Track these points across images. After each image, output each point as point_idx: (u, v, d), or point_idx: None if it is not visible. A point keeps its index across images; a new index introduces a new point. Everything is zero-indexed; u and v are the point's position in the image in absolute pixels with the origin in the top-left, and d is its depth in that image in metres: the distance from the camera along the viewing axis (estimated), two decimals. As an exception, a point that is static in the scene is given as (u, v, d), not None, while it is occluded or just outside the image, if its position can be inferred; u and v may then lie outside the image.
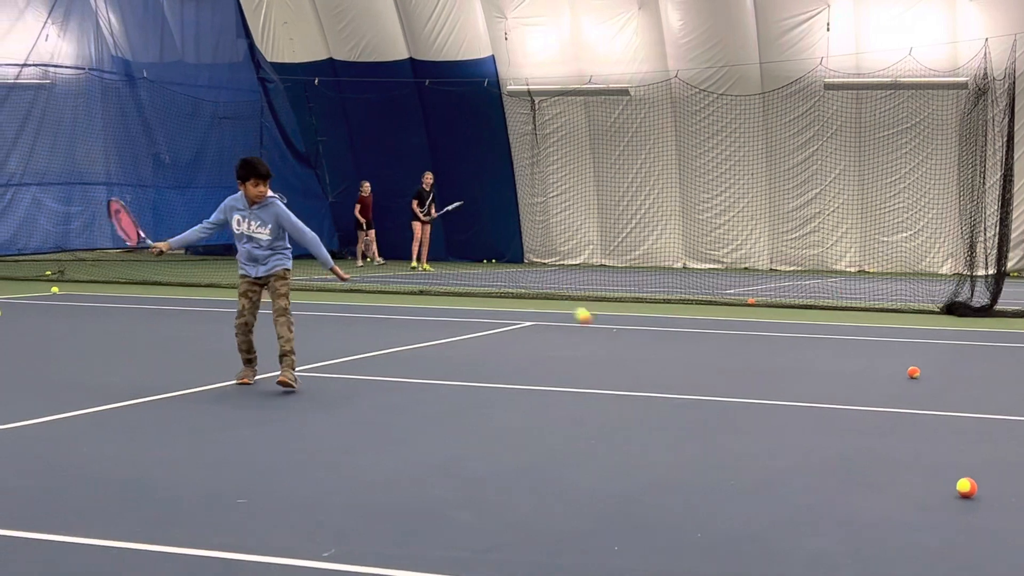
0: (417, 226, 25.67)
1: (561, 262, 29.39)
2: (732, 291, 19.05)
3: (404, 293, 17.77)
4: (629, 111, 28.60)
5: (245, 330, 8.00)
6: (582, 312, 7.78)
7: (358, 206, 27.83)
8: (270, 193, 8.00)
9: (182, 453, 5.81)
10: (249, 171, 7.92)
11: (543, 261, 29.72)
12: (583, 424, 6.83)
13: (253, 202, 7.93)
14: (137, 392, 7.59)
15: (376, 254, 28.20)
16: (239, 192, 7.99)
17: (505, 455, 5.93)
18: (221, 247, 29.38)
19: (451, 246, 30.49)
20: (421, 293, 17.74)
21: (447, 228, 29.72)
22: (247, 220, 8.00)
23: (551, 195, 29.64)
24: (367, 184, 27.97)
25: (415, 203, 25.58)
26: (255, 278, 8.08)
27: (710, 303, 16.58)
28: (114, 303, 15.38)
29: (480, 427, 6.71)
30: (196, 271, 22.12)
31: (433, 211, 25.57)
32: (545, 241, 29.73)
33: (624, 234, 29.08)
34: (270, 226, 8.01)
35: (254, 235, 8.02)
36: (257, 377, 8.17)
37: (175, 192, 27.79)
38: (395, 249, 29.39)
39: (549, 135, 29.45)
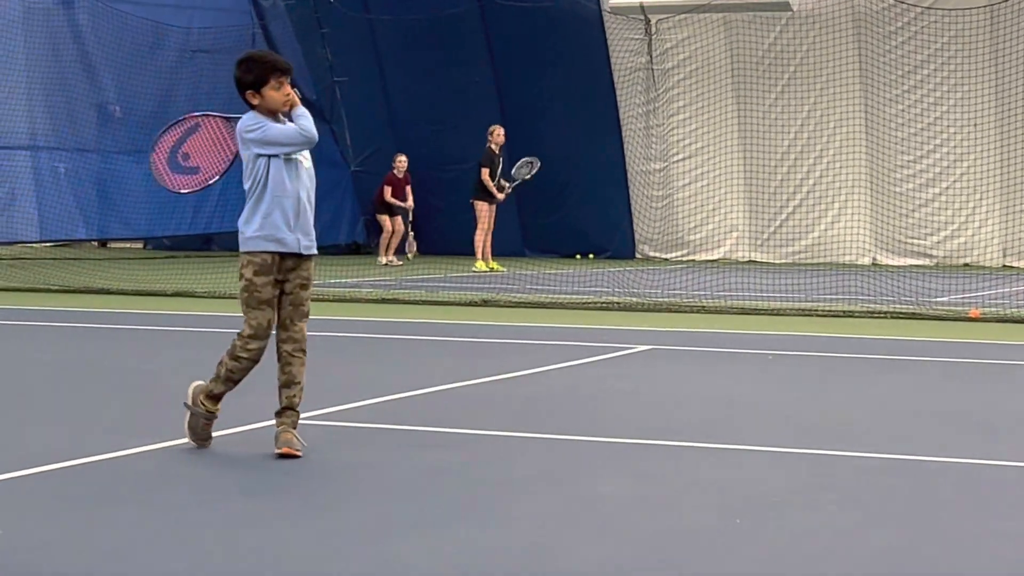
0: (483, 208, 25.51)
1: (690, 257, 29.29)
2: (945, 298, 18.83)
3: (460, 304, 17.81)
4: (791, 34, 28.42)
5: (254, 364, 7.79)
6: None
7: (389, 188, 27.97)
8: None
9: (142, 535, 5.85)
10: (263, 69, 7.66)
11: (663, 256, 29.65)
12: (725, 495, 6.82)
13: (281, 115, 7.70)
14: (73, 451, 7.65)
15: (412, 247, 28.29)
16: (251, 116, 7.70)
17: (611, 541, 5.91)
18: (198, 239, 29.69)
19: (529, 235, 30.52)
20: (485, 304, 17.78)
21: (522, 209, 29.74)
22: None
23: (675, 159, 29.55)
24: (403, 158, 28.08)
25: (485, 172, 25.38)
26: (298, 254, 7.69)
27: (912, 316, 16.39)
28: (42, 319, 15.60)
29: (575, 500, 6.70)
30: (158, 274, 22.36)
31: (504, 183, 25.46)
32: (666, 227, 29.66)
33: (783, 216, 28.90)
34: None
35: (304, 165, 7.76)
36: (239, 429, 8.22)
37: (129, 159, 28.13)
38: (444, 240, 29.47)
39: (672, 71, 29.37)
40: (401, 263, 27.26)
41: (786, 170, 28.68)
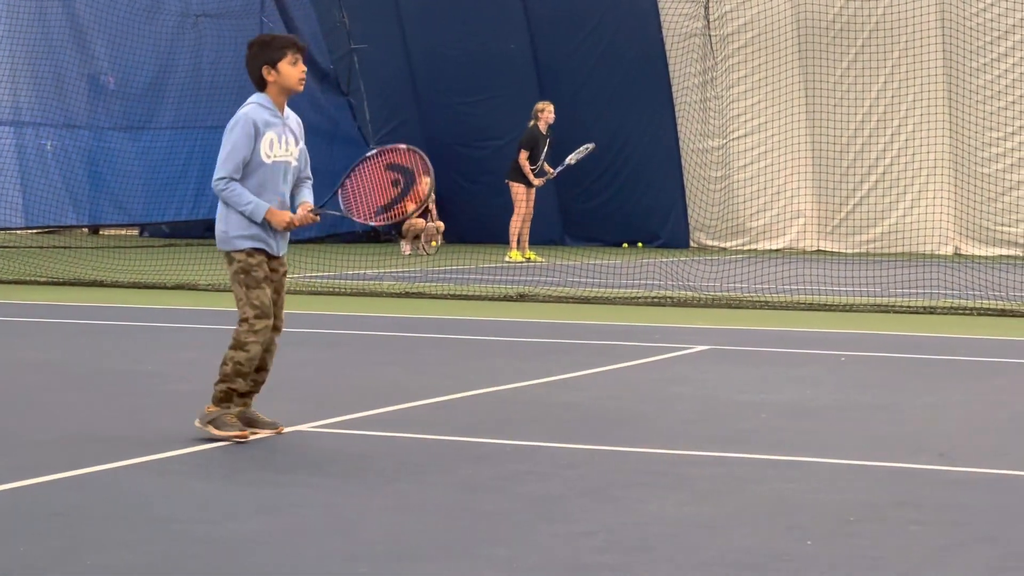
0: (521, 192, 25.48)
1: (751, 246, 29.21)
2: (1040, 294, 18.75)
3: (494, 299, 17.82)
4: (864, -2, 28.30)
5: (268, 341, 8.22)
6: None
7: None
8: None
9: (136, 555, 5.87)
10: (280, 43, 8.10)
11: (721, 245, 29.57)
12: (792, 513, 6.79)
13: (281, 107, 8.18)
14: (65, 462, 7.68)
15: (436, 239, 28.22)
16: (259, 98, 8.12)
17: (663, 566, 5.89)
18: (200, 226, 29.74)
19: (570, 222, 30.48)
20: (522, 298, 17.78)
21: (561, 193, 29.70)
22: (283, 138, 8.17)
23: (734, 137, 29.47)
24: None
25: (524, 155, 25.33)
26: (277, 257, 8.27)
27: (1001, 314, 16.31)
28: (27, 315, 15.65)
29: (623, 519, 6.68)
30: (156, 264, 22.39)
31: (548, 168, 25.36)
32: (725, 213, 29.57)
33: (855, 202, 28.77)
34: (300, 150, 8.27)
35: (291, 162, 8.20)
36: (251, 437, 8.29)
37: (124, 136, 28.17)
38: (474, 227, 29.43)
39: (732, 37, 29.29)
40: (426, 253, 27.24)
41: (858, 148, 28.54)
